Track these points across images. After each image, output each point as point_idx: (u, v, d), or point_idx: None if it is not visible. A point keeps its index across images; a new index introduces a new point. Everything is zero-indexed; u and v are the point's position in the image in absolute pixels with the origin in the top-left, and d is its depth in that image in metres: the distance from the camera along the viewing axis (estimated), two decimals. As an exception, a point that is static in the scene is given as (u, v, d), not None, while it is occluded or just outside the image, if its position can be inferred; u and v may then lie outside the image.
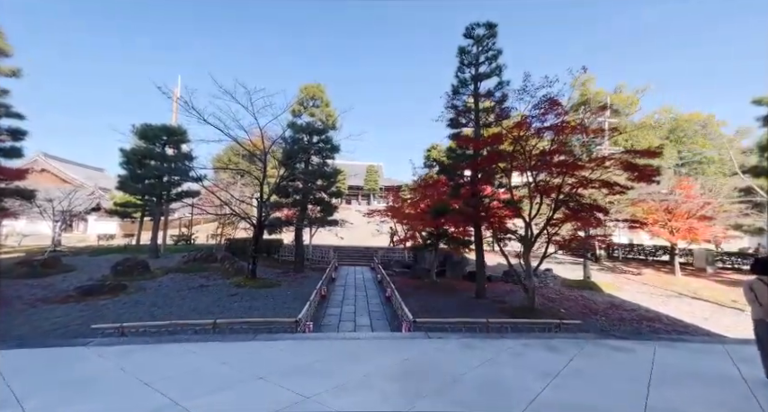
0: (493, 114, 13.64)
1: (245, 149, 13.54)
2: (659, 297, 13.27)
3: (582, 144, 12.16)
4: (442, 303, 11.97)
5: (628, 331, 8.87)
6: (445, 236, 14.68)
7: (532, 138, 9.81)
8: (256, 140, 14.88)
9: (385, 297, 12.63)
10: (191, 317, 9.49)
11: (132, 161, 16.58)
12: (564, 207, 10.50)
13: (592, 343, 5.75)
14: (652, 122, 31.86)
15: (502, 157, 11.16)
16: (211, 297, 12.04)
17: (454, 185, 13.82)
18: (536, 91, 10.05)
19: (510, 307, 11.25)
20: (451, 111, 14.23)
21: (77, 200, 20.80)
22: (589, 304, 12.05)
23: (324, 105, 19.82)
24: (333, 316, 10.19)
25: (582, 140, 11.64)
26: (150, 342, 5.59)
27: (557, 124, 9.35)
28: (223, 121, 12.66)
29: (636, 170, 9.08)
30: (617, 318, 10.41)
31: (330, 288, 14.46)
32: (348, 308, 11.33)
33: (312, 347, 5.51)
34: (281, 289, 14.01)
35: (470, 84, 14.11)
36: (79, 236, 30.14)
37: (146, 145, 17.25)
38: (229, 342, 5.70)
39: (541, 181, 10.46)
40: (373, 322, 9.58)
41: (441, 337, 6.05)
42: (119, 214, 20.53)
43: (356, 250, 25.29)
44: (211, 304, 11.11)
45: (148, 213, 19.16)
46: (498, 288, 14.89)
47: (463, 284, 15.90)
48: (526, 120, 9.49)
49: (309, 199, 19.16)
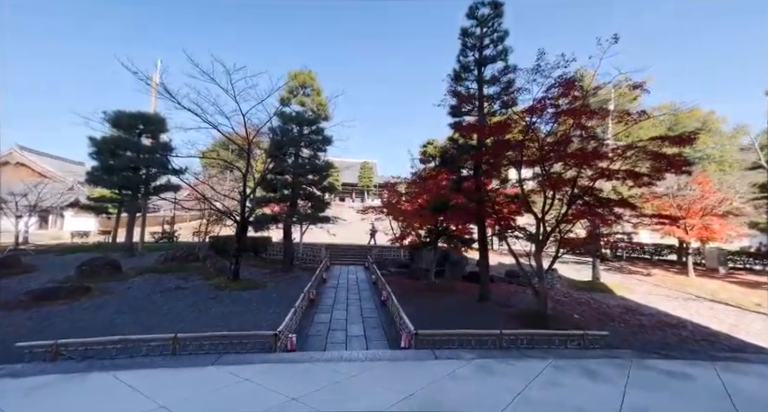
0: (499, 101, 12.55)
1: (226, 138, 12.18)
2: (675, 300, 12.37)
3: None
4: (442, 307, 10.88)
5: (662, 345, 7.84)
6: (445, 233, 13.57)
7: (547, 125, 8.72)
8: (240, 129, 13.57)
9: (380, 300, 11.50)
10: (158, 325, 8.25)
11: (103, 151, 15.13)
12: (580, 202, 9.45)
13: (636, 364, 4.68)
14: (653, 114, 31.01)
15: (510, 147, 10.05)
16: (187, 301, 10.78)
17: (456, 179, 12.69)
18: (551, 71, 8.93)
19: (518, 311, 10.21)
20: (453, 97, 13.10)
21: (47, 194, 19.22)
22: (602, 308, 11.06)
23: (315, 94, 18.54)
24: (321, 324, 9.01)
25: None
26: (79, 369, 4.35)
27: (575, 108, 8.26)
28: (200, 106, 11.29)
29: (664, 159, 8.04)
30: (636, 325, 9.42)
31: (320, 290, 13.27)
32: (339, 313, 10.17)
33: (288, 376, 4.34)
34: (265, 291, 12.79)
35: (474, 68, 12.99)
36: (55, 232, 28.43)
37: (119, 134, 15.78)
38: (183, 368, 4.51)
39: (554, 173, 9.38)
40: (367, 332, 8.43)
41: (451, 358, 4.92)
42: (93, 210, 18.99)
43: (349, 248, 24.08)
44: (185, 309, 9.86)
45: (125, 209, 17.68)
46: (501, 289, 13.86)
47: (464, 285, 14.84)
48: (541, 104, 8.38)
49: (299, 194, 17.90)
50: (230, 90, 11.31)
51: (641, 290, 13.81)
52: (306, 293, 10.10)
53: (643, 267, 19.42)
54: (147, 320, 8.62)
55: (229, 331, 8.12)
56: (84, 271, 12.70)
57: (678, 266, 18.02)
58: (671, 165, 7.93)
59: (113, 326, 8.03)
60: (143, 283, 12.63)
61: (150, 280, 13.25)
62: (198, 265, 15.72)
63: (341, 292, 13.08)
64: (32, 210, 17.10)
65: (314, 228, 22.05)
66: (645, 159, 8.56)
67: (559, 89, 8.22)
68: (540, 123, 9.16)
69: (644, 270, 18.49)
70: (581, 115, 8.15)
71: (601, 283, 14.00)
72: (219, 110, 11.88)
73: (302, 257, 20.82)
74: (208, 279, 14.08)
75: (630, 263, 21.11)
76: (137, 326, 8.13)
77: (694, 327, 9.35)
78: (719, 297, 12.74)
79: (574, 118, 8.09)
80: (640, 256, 22.55)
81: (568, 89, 8.42)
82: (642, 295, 12.83)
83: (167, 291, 11.81)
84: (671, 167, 7.99)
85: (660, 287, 14.45)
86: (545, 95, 8.63)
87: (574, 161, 8.73)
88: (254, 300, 11.37)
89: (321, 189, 19.03)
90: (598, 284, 13.93)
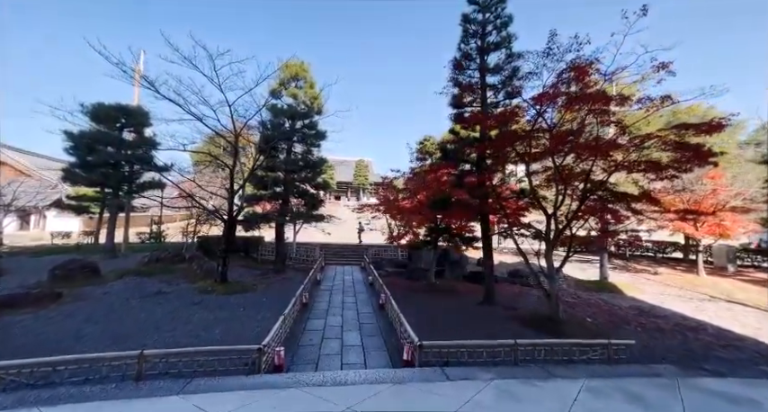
0: (503, 91, 11.80)
1: (212, 131, 11.29)
2: (690, 300, 11.76)
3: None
4: (445, 311, 10.13)
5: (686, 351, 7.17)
6: (446, 232, 12.80)
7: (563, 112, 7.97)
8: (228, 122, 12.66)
9: (378, 304, 10.72)
10: (131, 336, 7.40)
11: (81, 146, 14.13)
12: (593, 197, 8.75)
13: (684, 385, 3.96)
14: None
15: (517, 138, 9.31)
16: (168, 306, 9.91)
17: (458, 173, 11.93)
18: (563, 54, 8.18)
19: (527, 315, 9.49)
20: (455, 86, 12.34)
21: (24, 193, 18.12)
22: (615, 310, 10.40)
23: (308, 86, 17.65)
24: (314, 332, 8.20)
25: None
26: (4, 406, 3.51)
27: (591, 94, 7.52)
28: (182, 95, 10.38)
29: (689, 149, 7.35)
30: (654, 329, 8.76)
31: (314, 292, 12.46)
32: (334, 319, 9.37)
33: (267, 408, 3.53)
34: (255, 294, 11.95)
35: (476, 56, 12.23)
36: (37, 234, 27.23)
37: (99, 127, 14.77)
38: (141, 399, 3.69)
39: (566, 166, 8.65)
40: (365, 341, 7.64)
41: (465, 378, 4.17)
42: (74, 209, 17.95)
43: (345, 248, 23.26)
44: (165, 316, 8.99)
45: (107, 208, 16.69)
46: (505, 290, 13.16)
47: (465, 286, 14.13)
48: (554, 89, 7.63)
49: (292, 191, 17.04)
50: (214, 78, 10.42)
51: (652, 290, 13.20)
52: (298, 297, 9.28)
53: (649, 265, 18.85)
54: (119, 330, 7.75)
55: (211, 342, 7.33)
56: (58, 275, 11.75)
57: (684, 264, 17.49)
58: (697, 155, 7.24)
59: (79, 339, 7.15)
60: (122, 288, 11.72)
61: (130, 283, 12.34)
62: (184, 267, 14.81)
63: (336, 295, 12.28)
64: (7, 210, 16.01)
65: (308, 227, 21.22)
66: (665, 150, 7.87)
67: (574, 73, 7.47)
68: (551, 111, 8.40)
69: (650, 268, 17.91)
70: (598, 102, 7.42)
71: (609, 283, 13.36)
72: (203, 99, 10.98)
73: (296, 257, 19.97)
74: (193, 282, 13.20)
75: (634, 261, 20.54)
76: (105, 337, 7.26)
77: (716, 331, 8.71)
78: (736, 297, 12.15)
79: (591, 104, 7.34)
80: (643, 254, 22.00)
81: (583, 73, 7.68)
82: (654, 295, 12.20)
83: (147, 296, 10.92)
84: (696, 158, 7.30)
85: (671, 286, 13.86)
86: (558, 80, 7.88)
87: (588, 153, 8.00)
88: (243, 304, 10.54)
89: (315, 186, 18.19)
90: (606, 284, 13.29)
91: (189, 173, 20.74)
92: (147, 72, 11.59)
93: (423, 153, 22.60)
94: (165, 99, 10.59)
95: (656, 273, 16.93)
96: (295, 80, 17.69)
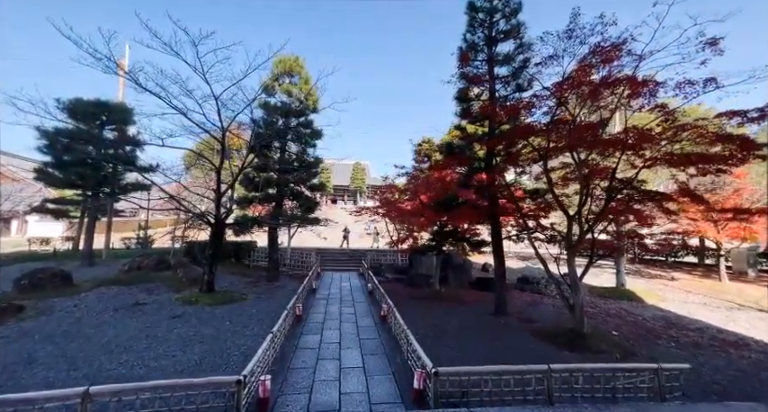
0: (513, 84, 10.95)
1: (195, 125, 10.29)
2: (717, 309, 10.87)
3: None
4: (455, 324, 9.14)
5: (740, 373, 6.21)
6: (453, 235, 11.82)
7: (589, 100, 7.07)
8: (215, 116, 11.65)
9: (380, 315, 9.70)
10: (92, 360, 6.33)
11: (56, 145, 13.06)
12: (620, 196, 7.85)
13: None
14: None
15: (533, 132, 8.42)
16: (143, 321, 8.83)
17: (466, 171, 11.00)
18: (587, 37, 7.32)
19: (546, 329, 8.52)
20: (460, 79, 11.49)
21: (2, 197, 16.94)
22: (640, 321, 9.47)
23: (302, 82, 16.70)
24: (308, 351, 7.16)
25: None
26: None
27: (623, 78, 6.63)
28: (162, 85, 9.39)
29: (731, 141, 6.47)
30: (689, 344, 7.82)
31: (309, 302, 11.42)
32: (331, 333, 8.34)
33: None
34: (244, 305, 10.89)
35: (483, 47, 11.39)
36: (18, 240, 25.92)
37: (77, 124, 13.70)
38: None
39: (592, 161, 7.76)
40: (367, 362, 6.62)
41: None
42: (52, 213, 16.79)
43: (342, 253, 22.24)
44: (138, 333, 7.92)
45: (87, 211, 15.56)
46: (515, 299, 12.20)
47: (472, 294, 13.14)
48: (582, 72, 6.74)
49: (285, 193, 16.03)
50: (198, 67, 9.44)
51: (673, 297, 12.30)
52: (290, 310, 8.24)
53: (663, 270, 17.97)
54: (80, 352, 6.67)
55: (186, 366, 6.27)
56: (24, 285, 10.64)
57: (701, 269, 16.63)
58: (744, 147, 6.36)
59: (29, 364, 6.06)
60: (95, 299, 10.62)
61: (106, 294, 11.23)
62: (168, 275, 13.72)
63: (333, 305, 11.23)
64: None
65: (303, 232, 20.19)
66: (702, 143, 7.00)
67: (604, 55, 6.59)
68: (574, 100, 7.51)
69: (665, 273, 17.03)
70: (631, 87, 6.53)
71: (627, 290, 12.44)
72: (186, 91, 9.98)
73: (290, 263, 18.90)
74: (178, 291, 12.12)
75: (645, 265, 19.64)
76: (61, 361, 6.18)
77: (761, 347, 7.79)
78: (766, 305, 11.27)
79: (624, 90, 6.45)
80: (653, 258, 21.06)
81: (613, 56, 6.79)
82: (678, 304, 11.30)
83: (123, 308, 9.83)
84: (743, 150, 6.42)
85: (693, 294, 12.97)
86: (583, 64, 6.99)
87: (616, 146, 7.11)
88: (229, 317, 9.49)
89: (310, 188, 17.18)
90: (624, 291, 12.37)
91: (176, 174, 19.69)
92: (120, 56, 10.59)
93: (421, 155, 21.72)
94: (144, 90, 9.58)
95: (673, 278, 16.03)
96: (289, 76, 16.77)
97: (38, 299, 10.17)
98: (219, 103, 10.33)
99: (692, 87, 6.29)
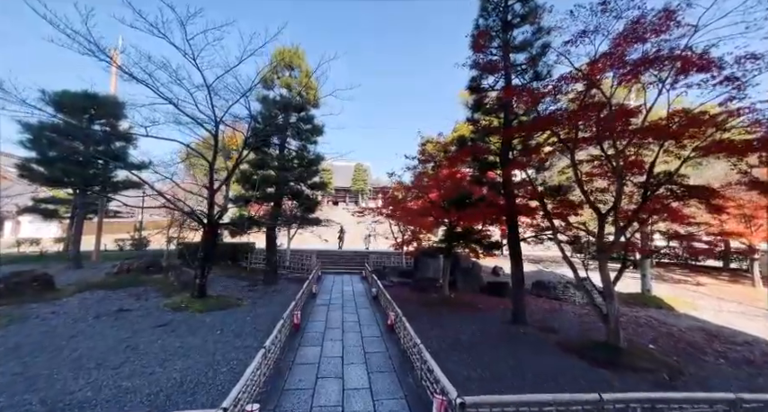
0: (530, 72, 10.10)
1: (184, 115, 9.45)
2: (758, 318, 9.94)
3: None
4: (470, 334, 8.24)
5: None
6: (465, 236, 10.91)
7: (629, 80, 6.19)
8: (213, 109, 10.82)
9: (387, 325, 8.80)
10: (54, 381, 5.46)
11: (41, 139, 12.27)
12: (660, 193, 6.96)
13: None
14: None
15: (558, 121, 7.54)
16: (125, 330, 7.98)
17: (479, 167, 10.12)
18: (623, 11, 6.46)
19: (573, 341, 7.61)
20: (472, 68, 10.65)
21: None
22: (675, 332, 8.54)
23: (303, 75, 15.93)
24: (306, 367, 6.28)
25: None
26: None
27: (671, 54, 5.75)
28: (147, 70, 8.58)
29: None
30: (742, 361, 6.90)
31: (309, 308, 10.54)
32: (333, 346, 7.45)
33: None
34: (239, 312, 10.03)
35: (497, 33, 10.55)
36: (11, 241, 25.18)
37: (64, 118, 12.91)
38: None
39: (629, 152, 6.88)
40: (374, 381, 5.73)
41: None
42: (40, 213, 16.02)
43: (344, 255, 21.35)
44: (116, 345, 7.06)
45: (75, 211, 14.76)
46: (532, 306, 11.24)
47: (484, 300, 12.22)
48: (624, 45, 5.86)
49: (285, 192, 15.19)
50: (187, 51, 8.62)
51: (705, 304, 11.34)
52: (286, 320, 7.36)
53: (685, 274, 16.95)
54: (44, 370, 5.80)
55: (164, 385, 5.40)
56: (0, 290, 9.78)
57: (726, 274, 15.63)
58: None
59: (-20, 383, 5.20)
60: (76, 305, 9.78)
61: (90, 299, 10.40)
62: (159, 278, 12.88)
63: (334, 312, 10.35)
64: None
65: (303, 233, 19.35)
66: (756, 131, 6.10)
67: (651, 26, 5.70)
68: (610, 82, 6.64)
69: (689, 278, 16.02)
70: (683, 63, 5.64)
71: (654, 297, 11.49)
72: (176, 79, 9.17)
73: (289, 266, 18.05)
74: (168, 295, 11.28)
75: (664, 269, 18.61)
76: (20, 381, 5.32)
77: (823, 362, 6.88)
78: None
79: (682, 64, 5.55)
80: (671, 261, 19.99)
81: (663, 25, 5.89)
82: (713, 313, 10.35)
83: (105, 315, 8.98)
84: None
85: (725, 301, 12.01)
86: (626, 37, 6.09)
87: (663, 134, 6.22)
88: (221, 325, 8.63)
89: (310, 186, 16.34)
90: (651, 298, 11.42)
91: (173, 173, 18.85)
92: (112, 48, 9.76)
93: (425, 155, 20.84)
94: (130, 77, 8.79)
95: (699, 283, 15.04)
96: (289, 68, 16.01)
97: (14, 305, 9.35)
98: (212, 91, 9.51)
99: (755, 62, 5.40)
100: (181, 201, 12.02)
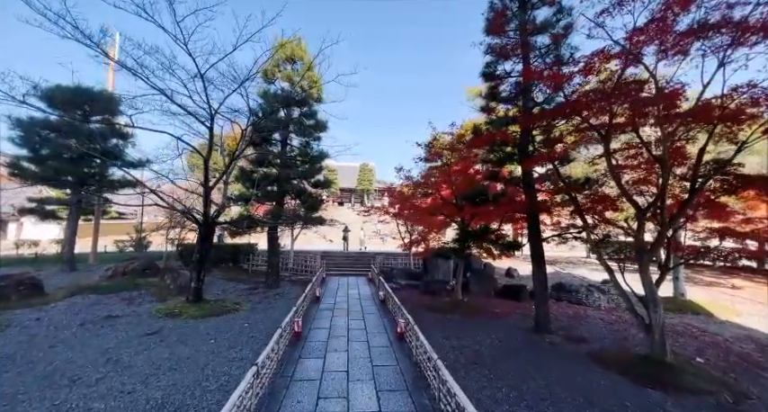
0: (552, 55, 9.25)
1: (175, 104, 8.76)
2: (810, 326, 8.94)
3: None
4: (488, 344, 7.41)
5: None
6: (481, 236, 10.02)
7: (677, 52, 5.33)
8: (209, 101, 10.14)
9: (396, 332, 7.99)
10: (21, 397, 4.77)
11: (33, 136, 11.73)
12: (710, 185, 6.08)
13: None
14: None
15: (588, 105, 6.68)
16: (111, 339, 7.30)
17: (497, 159, 9.27)
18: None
19: (609, 353, 6.73)
20: (486, 53, 9.84)
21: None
22: (722, 343, 7.62)
23: (305, 68, 15.21)
24: (306, 384, 5.50)
25: None
26: None
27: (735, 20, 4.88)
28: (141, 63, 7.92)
29: None
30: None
31: (312, 313, 9.79)
32: (337, 357, 6.66)
33: None
34: (236, 317, 9.31)
35: (515, 14, 9.72)
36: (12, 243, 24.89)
37: (58, 114, 12.36)
38: None
39: (676, 137, 6.01)
40: (384, 402, 4.93)
41: None
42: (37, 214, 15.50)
43: (349, 256, 20.59)
44: (99, 357, 6.37)
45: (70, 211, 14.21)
46: (553, 310, 10.34)
47: (500, 305, 11.36)
48: (672, 10, 5.01)
49: (287, 190, 14.49)
50: (178, 35, 7.93)
51: (746, 309, 10.35)
52: (285, 329, 6.60)
53: (717, 276, 15.86)
54: (10, 387, 5.11)
55: (147, 405, 4.69)
56: (-18, 294, 9.20)
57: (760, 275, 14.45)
58: None
59: (-70, 406, 4.52)
60: (64, 310, 9.15)
61: (79, 304, 9.77)
62: (155, 281, 12.24)
63: (339, 318, 9.57)
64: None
65: (307, 233, 18.65)
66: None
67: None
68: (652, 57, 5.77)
69: (722, 280, 14.96)
70: (741, 31, 4.77)
71: (689, 301, 10.53)
72: (168, 68, 8.50)
73: (292, 268, 17.37)
74: (162, 300, 10.63)
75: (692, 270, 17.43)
76: (-21, 402, 4.63)
77: None
78: None
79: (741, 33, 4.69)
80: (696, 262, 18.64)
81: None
82: (758, 319, 9.37)
83: (91, 322, 8.32)
84: None
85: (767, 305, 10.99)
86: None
87: (717, 116, 5.35)
88: (215, 333, 7.91)
89: (314, 184, 15.62)
90: (686, 303, 10.45)
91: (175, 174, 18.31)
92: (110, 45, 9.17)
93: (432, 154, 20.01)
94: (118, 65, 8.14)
95: (734, 286, 14.00)
96: (291, 62, 15.33)
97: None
98: (206, 81, 8.81)
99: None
100: (178, 202, 11.40)
